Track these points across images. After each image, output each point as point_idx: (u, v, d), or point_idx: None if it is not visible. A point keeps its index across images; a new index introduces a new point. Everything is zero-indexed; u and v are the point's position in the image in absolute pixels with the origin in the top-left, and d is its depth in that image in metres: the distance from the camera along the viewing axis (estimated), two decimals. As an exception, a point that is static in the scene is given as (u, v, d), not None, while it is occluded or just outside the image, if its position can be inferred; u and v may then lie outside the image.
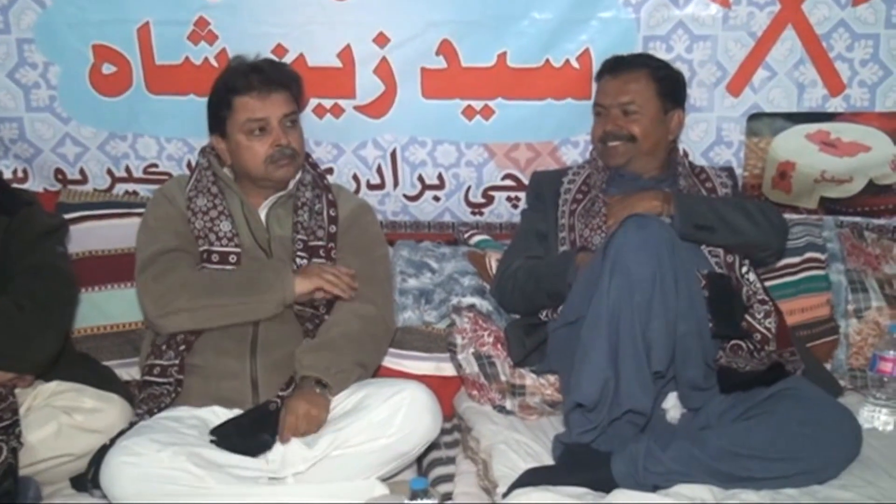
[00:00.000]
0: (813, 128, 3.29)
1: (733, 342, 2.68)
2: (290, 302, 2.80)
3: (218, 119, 2.94)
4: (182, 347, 2.77)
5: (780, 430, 2.41)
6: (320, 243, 2.93)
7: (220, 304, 2.77)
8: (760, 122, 3.29)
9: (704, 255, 2.84)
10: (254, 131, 2.87)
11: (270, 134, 2.88)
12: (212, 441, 2.57)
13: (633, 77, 3.02)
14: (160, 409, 2.70)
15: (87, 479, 2.57)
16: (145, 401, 2.74)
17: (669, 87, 3.05)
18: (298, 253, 2.89)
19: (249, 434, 2.57)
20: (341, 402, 2.65)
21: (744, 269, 2.86)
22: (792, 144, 3.30)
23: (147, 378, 2.79)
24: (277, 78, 2.92)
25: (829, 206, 3.38)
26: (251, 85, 2.87)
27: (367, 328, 2.82)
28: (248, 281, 2.82)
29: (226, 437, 2.58)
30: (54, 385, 2.77)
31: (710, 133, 3.32)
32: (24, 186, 3.43)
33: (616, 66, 3.06)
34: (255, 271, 2.85)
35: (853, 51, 3.19)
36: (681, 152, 3.21)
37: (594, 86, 3.14)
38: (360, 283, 2.89)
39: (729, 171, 3.18)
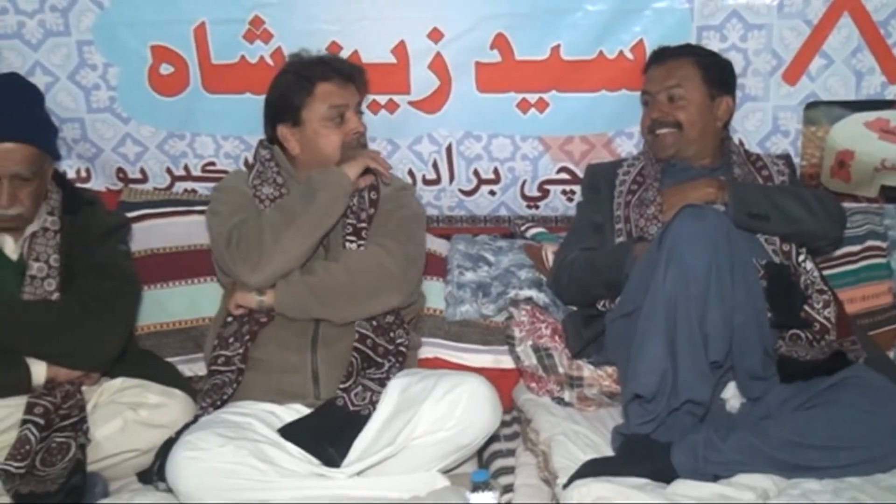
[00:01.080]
0: (872, 116, 3.27)
1: (792, 332, 2.68)
2: (350, 187, 2.89)
3: (291, 107, 2.98)
4: (247, 338, 2.82)
5: (843, 419, 2.40)
6: (363, 225, 2.96)
7: (297, 226, 2.82)
8: (818, 111, 3.28)
9: (761, 243, 2.83)
10: (333, 118, 2.95)
11: (348, 123, 2.96)
12: (282, 435, 2.61)
13: (677, 64, 3.05)
14: (223, 402, 2.74)
15: (152, 474, 2.60)
16: (209, 392, 2.78)
17: (715, 73, 3.07)
18: (348, 236, 2.94)
19: (320, 443, 2.59)
20: (397, 396, 2.68)
21: (801, 258, 2.84)
22: (850, 133, 3.29)
23: (212, 368, 2.83)
24: (350, 69, 3.03)
25: (890, 194, 3.36)
26: (332, 72, 2.96)
27: (357, 268, 2.86)
28: (306, 192, 2.88)
29: (297, 435, 2.61)
30: (119, 382, 2.82)
31: (766, 122, 3.31)
32: (87, 185, 3.51)
33: (661, 55, 3.10)
34: (305, 184, 2.92)
35: (912, 37, 3.19)
36: (735, 141, 3.19)
37: (646, 78, 3.18)
38: (379, 234, 2.95)
39: (786, 158, 3.16)
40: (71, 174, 3.46)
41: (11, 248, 2.79)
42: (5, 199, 2.70)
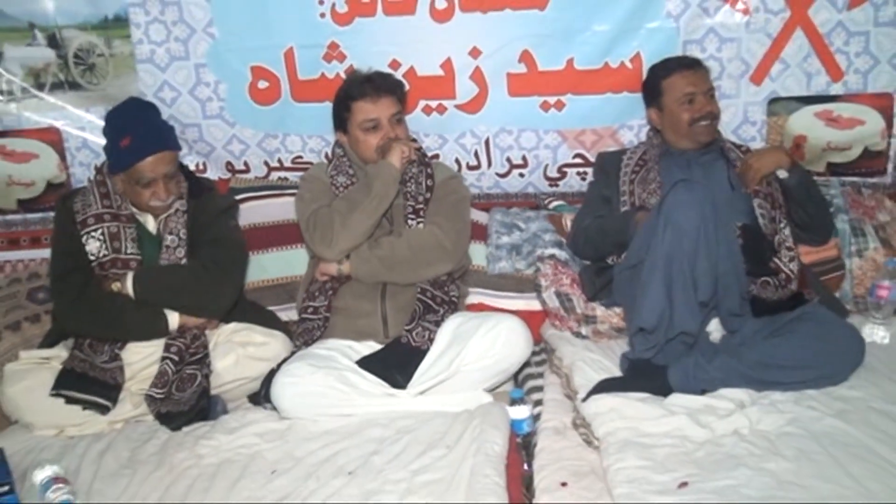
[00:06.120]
0: (819, 108, 3.28)
1: (763, 279, 2.70)
2: (398, 174, 2.87)
3: (341, 119, 2.99)
4: (330, 293, 2.86)
5: (801, 344, 2.46)
6: (421, 206, 2.96)
7: (360, 210, 2.83)
8: (778, 105, 3.29)
9: (753, 207, 2.82)
10: (368, 129, 2.92)
11: (381, 130, 2.92)
12: (360, 365, 2.65)
13: (704, 69, 2.98)
14: (313, 341, 2.79)
15: (260, 397, 2.69)
16: (301, 334, 2.83)
17: None
18: (409, 216, 2.94)
19: (389, 371, 2.65)
20: (450, 333, 2.70)
21: (781, 225, 2.84)
22: (803, 121, 3.30)
23: (303, 316, 2.88)
24: (385, 85, 2.96)
25: (835, 169, 3.35)
26: (365, 92, 2.92)
27: (417, 243, 2.87)
28: (364, 184, 2.89)
29: (371, 365, 2.66)
30: (232, 326, 2.88)
31: (738, 115, 3.31)
32: (204, 175, 3.54)
33: (694, 63, 2.99)
34: (364, 178, 2.94)
35: (849, 45, 3.19)
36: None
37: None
38: (435, 214, 2.94)
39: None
40: (192, 167, 3.50)
41: (152, 225, 2.85)
42: (165, 194, 2.77)
